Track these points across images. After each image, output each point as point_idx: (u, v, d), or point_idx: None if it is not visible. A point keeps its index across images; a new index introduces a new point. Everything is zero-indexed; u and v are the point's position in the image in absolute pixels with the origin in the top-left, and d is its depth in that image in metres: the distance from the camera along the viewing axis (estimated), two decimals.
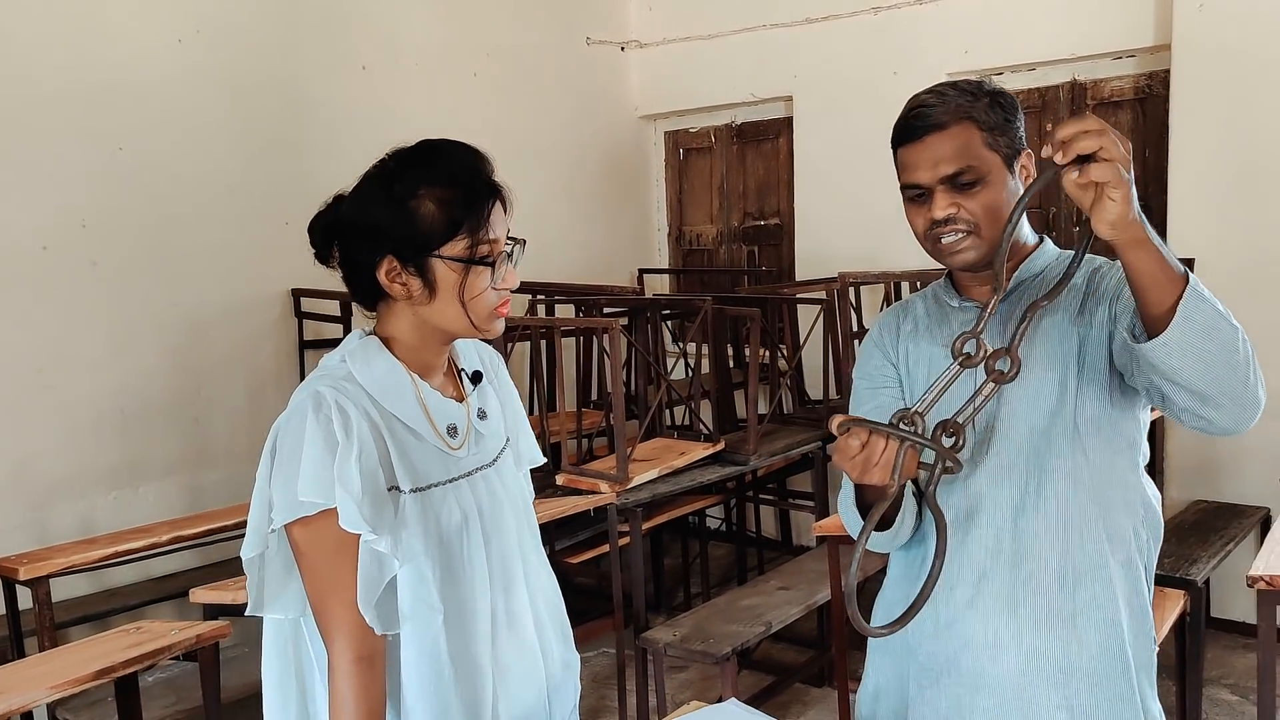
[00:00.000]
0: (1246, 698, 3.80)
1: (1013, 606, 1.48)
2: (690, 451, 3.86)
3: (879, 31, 5.29)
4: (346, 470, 1.32)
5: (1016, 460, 1.48)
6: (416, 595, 1.40)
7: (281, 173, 4.59)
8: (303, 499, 1.31)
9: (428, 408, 1.45)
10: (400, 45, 5.09)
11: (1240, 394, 1.27)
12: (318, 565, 1.35)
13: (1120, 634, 1.47)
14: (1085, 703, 1.47)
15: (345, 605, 1.34)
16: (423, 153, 1.42)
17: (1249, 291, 4.18)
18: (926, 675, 1.56)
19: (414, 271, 1.39)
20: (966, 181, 1.44)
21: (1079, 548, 1.46)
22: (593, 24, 6.04)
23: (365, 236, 1.40)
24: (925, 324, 1.62)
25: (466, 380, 1.56)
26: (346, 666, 1.33)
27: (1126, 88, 4.79)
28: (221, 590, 2.92)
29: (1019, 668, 1.48)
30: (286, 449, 1.35)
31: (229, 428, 4.43)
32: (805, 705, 3.89)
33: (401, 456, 1.40)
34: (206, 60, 4.36)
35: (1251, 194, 4.24)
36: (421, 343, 1.46)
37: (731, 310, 4.46)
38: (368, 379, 1.41)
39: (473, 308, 1.41)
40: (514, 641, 1.52)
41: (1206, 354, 1.22)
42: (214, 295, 4.41)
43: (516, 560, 1.54)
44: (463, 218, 1.38)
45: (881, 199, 5.47)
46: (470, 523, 1.46)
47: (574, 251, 5.78)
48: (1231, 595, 4.38)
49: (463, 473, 1.47)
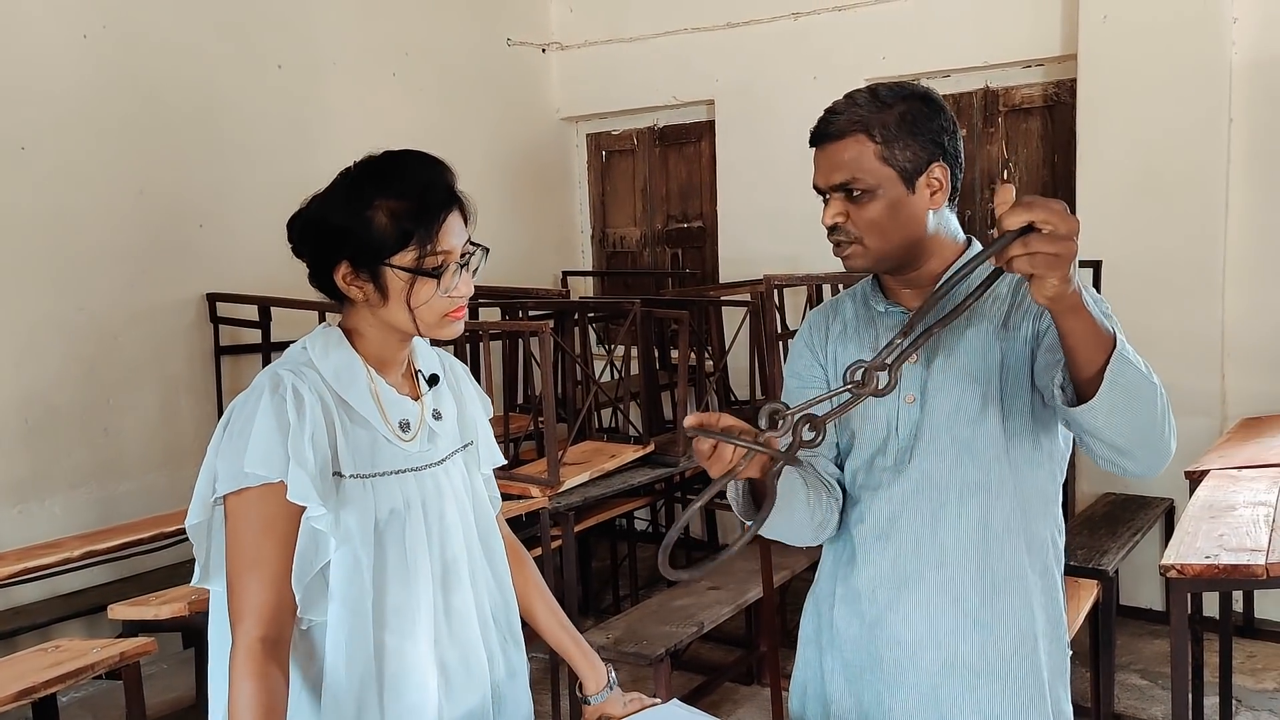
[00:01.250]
0: (1156, 682, 3.95)
1: (932, 610, 1.52)
2: (621, 454, 3.87)
3: (799, 37, 5.36)
4: (300, 446, 1.37)
5: (939, 470, 1.51)
6: (349, 581, 1.43)
7: (195, 174, 4.47)
8: (248, 470, 1.36)
9: (381, 400, 1.50)
10: (316, 44, 5.00)
11: (1156, 445, 1.33)
12: (243, 539, 1.38)
13: (1035, 640, 1.53)
14: (999, 706, 1.52)
15: (262, 583, 1.37)
16: (384, 163, 1.48)
17: (1151, 293, 4.35)
18: (850, 670, 1.61)
19: (367, 277, 1.45)
20: (855, 193, 1.46)
21: (998, 556, 1.51)
22: (513, 25, 6.01)
23: (326, 240, 1.46)
24: (853, 326, 1.64)
25: (423, 381, 1.60)
26: (250, 644, 1.34)
27: (1036, 95, 4.94)
28: (142, 606, 2.84)
29: (937, 669, 1.53)
30: (239, 423, 1.40)
31: (141, 437, 4.30)
32: (735, 704, 3.92)
33: (349, 442, 1.45)
34: (114, 57, 4.23)
35: (1153, 199, 4.40)
36: (381, 339, 1.51)
37: (660, 312, 4.48)
38: (325, 366, 1.47)
39: (420, 314, 1.46)
40: (454, 642, 1.53)
41: (1129, 414, 1.27)
42: (124, 300, 4.27)
43: (462, 560, 1.56)
44: (413, 229, 1.43)
45: (802, 202, 5.50)
46: (413, 514, 1.49)
47: (496, 253, 5.58)
48: (1139, 584, 4.55)
49: (411, 466, 1.51)
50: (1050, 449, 1.53)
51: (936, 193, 1.49)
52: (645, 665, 3.11)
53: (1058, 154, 4.86)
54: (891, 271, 1.55)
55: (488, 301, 4.80)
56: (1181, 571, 2.58)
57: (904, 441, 1.53)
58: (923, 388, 1.52)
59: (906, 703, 1.54)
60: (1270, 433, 3.94)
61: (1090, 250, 4.48)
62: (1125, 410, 1.26)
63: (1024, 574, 1.52)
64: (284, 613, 1.38)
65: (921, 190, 1.48)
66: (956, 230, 1.56)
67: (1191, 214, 4.35)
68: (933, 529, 1.52)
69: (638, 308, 4.10)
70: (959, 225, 1.58)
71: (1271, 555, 2.52)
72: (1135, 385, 1.25)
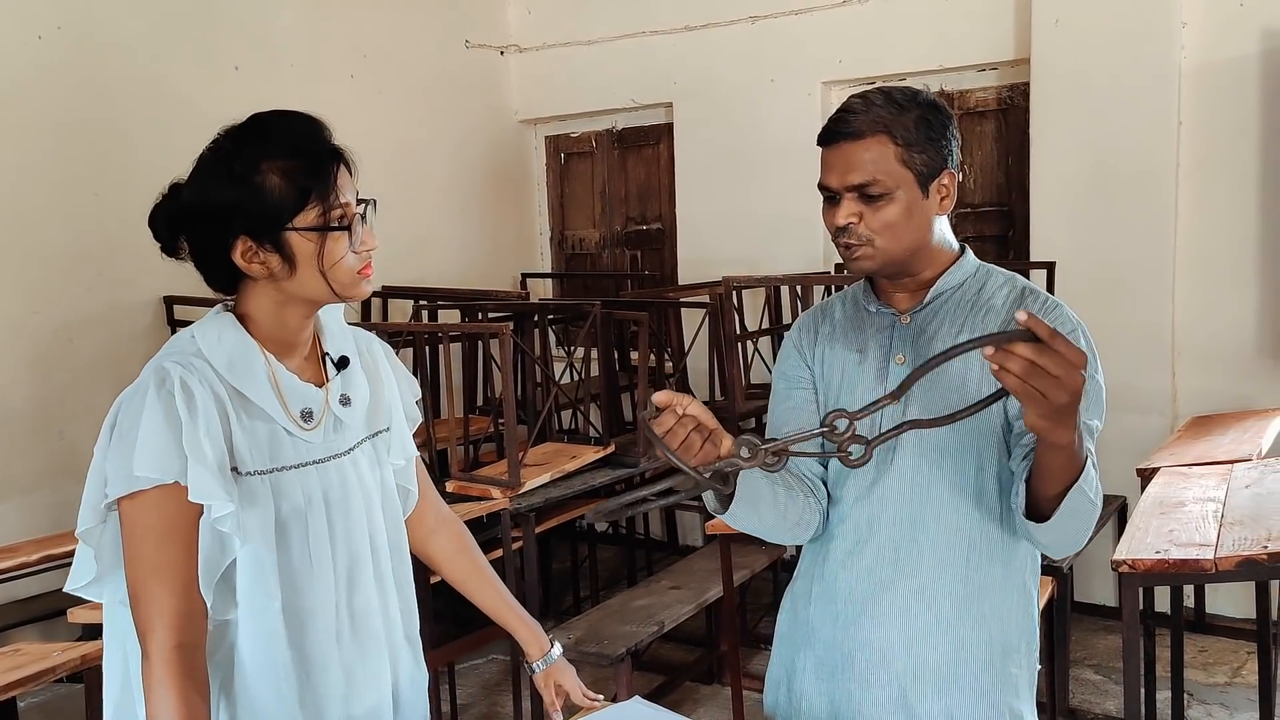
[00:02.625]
0: (1109, 677, 4.02)
1: (907, 616, 1.54)
2: (581, 455, 3.87)
3: (756, 40, 5.40)
4: (196, 444, 1.30)
5: (920, 473, 1.52)
6: (254, 581, 1.37)
7: (151, 176, 4.34)
8: (138, 474, 1.28)
9: (280, 388, 1.42)
10: (273, 45, 4.96)
11: (1077, 545, 1.46)
12: (144, 545, 1.30)
13: (1006, 652, 1.55)
14: (966, 714, 1.54)
15: (170, 590, 1.30)
16: (257, 126, 1.39)
17: (1103, 293, 4.42)
18: (824, 668, 1.62)
19: (270, 248, 1.36)
20: (872, 194, 1.46)
21: (976, 567, 1.52)
22: (471, 27, 6.00)
23: (214, 220, 1.36)
24: (842, 327, 1.64)
25: (330, 364, 1.51)
26: (166, 654, 1.28)
27: (990, 99, 5.01)
28: (101, 609, 2.80)
29: (907, 673, 1.55)
30: (125, 423, 1.32)
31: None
32: (696, 703, 3.94)
33: (246, 437, 1.37)
34: (69, 58, 4.18)
35: (1105, 200, 4.48)
36: (280, 320, 1.42)
37: (619, 314, 4.49)
38: (217, 356, 1.38)
39: (334, 275, 1.38)
40: (357, 643, 1.48)
41: (1070, 532, 1.39)
42: (79, 303, 4.22)
43: (365, 558, 1.49)
44: (311, 186, 1.35)
45: (761, 204, 5.60)
46: (314, 510, 1.42)
47: (455, 255, 5.73)
48: (1092, 580, 4.63)
49: (313, 459, 1.43)
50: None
51: (945, 199, 1.51)
52: (606, 665, 3.12)
53: (1011, 156, 4.93)
54: (891, 276, 1.56)
55: (447, 304, 4.79)
56: (1133, 567, 2.63)
57: (887, 446, 1.53)
58: (909, 393, 1.53)
59: (877, 703, 1.56)
60: (1219, 430, 4.01)
61: (1043, 252, 4.55)
62: (1067, 530, 1.37)
63: (1001, 586, 1.54)
64: (196, 618, 1.32)
65: (934, 195, 1.49)
66: (952, 239, 1.58)
67: (1142, 215, 4.42)
68: (912, 534, 1.53)
69: (597, 309, 4.11)
70: (953, 234, 1.60)
71: (1220, 550, 2.57)
72: (1083, 510, 1.34)
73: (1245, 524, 2.74)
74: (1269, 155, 4.28)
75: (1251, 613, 3.93)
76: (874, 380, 1.57)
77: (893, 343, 1.57)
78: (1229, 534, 2.67)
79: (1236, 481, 3.18)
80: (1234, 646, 4.25)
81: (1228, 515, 2.84)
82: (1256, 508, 2.87)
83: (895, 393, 1.21)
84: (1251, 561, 2.51)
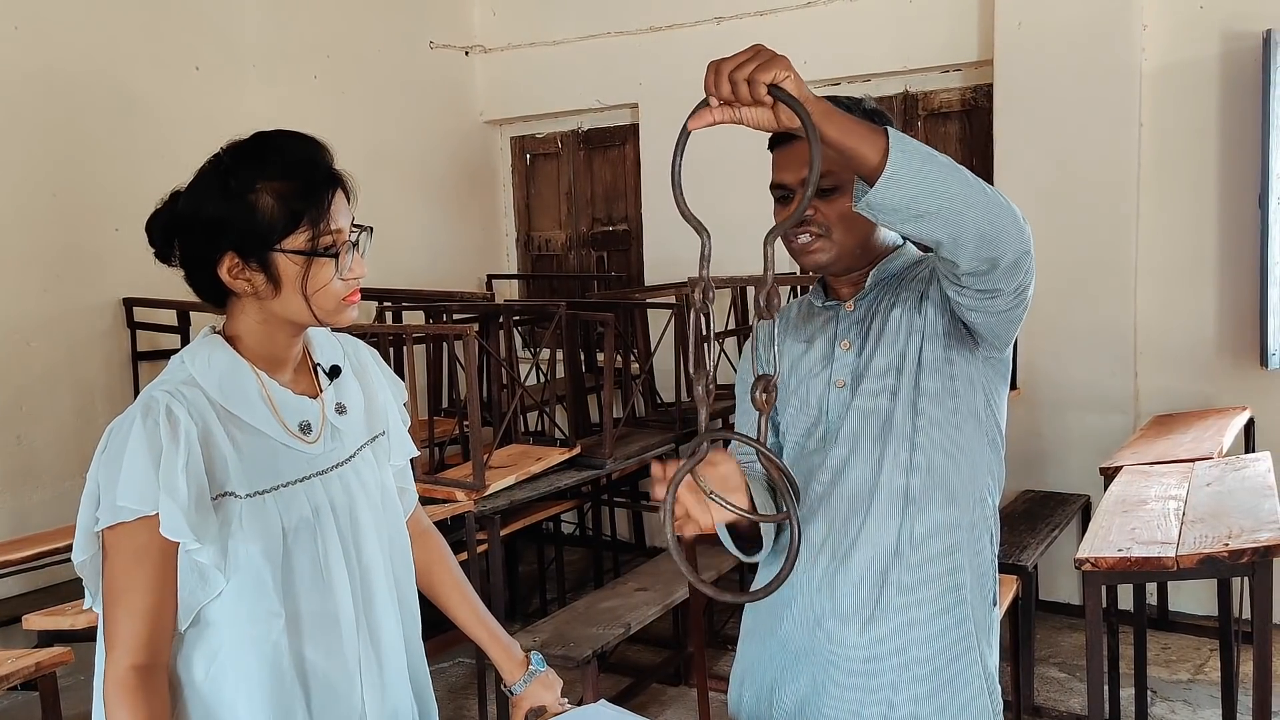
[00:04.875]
0: (1074, 674, 4.05)
1: (858, 583, 1.56)
2: (547, 457, 3.85)
3: (721, 41, 5.38)
4: (172, 477, 1.30)
5: (861, 446, 1.56)
6: (255, 603, 1.36)
7: (111, 177, 4.36)
8: (121, 504, 1.30)
9: (275, 405, 1.42)
10: (235, 45, 4.91)
11: (1001, 219, 1.33)
12: (115, 570, 1.33)
13: (960, 592, 1.56)
14: (924, 662, 1.55)
15: (130, 614, 1.32)
16: (258, 145, 1.39)
17: (1066, 293, 4.45)
18: (786, 655, 1.63)
19: (256, 267, 1.36)
20: (826, 187, 1.52)
21: (919, 520, 1.55)
22: (436, 28, 5.96)
23: (204, 233, 1.37)
24: (795, 324, 1.72)
25: (323, 375, 1.51)
26: (121, 675, 1.30)
27: (954, 100, 5.04)
28: (58, 615, 2.77)
29: (865, 643, 1.56)
30: (111, 452, 1.33)
31: (56, 445, 4.18)
32: (663, 705, 3.93)
33: (243, 459, 1.37)
34: (26, 58, 4.12)
35: (1068, 201, 4.51)
36: (268, 337, 1.42)
37: (585, 315, 4.48)
38: (208, 379, 1.38)
39: (317, 300, 1.38)
40: (373, 657, 1.48)
41: (937, 178, 1.25)
42: (36, 305, 4.16)
43: (378, 563, 1.49)
44: (303, 209, 1.35)
45: (726, 205, 5.57)
46: (323, 520, 1.42)
47: (421, 257, 5.69)
48: (1056, 578, 4.66)
49: (317, 470, 1.44)
50: (973, 407, 1.56)
51: None
52: (573, 668, 3.10)
53: (975, 157, 4.96)
54: (843, 272, 1.62)
55: (411, 305, 4.75)
56: (1095, 565, 2.65)
57: (833, 424, 1.59)
58: (854, 373, 1.58)
59: (839, 683, 1.57)
60: (1181, 429, 4.06)
61: None
62: (930, 175, 1.25)
63: (948, 531, 1.55)
64: (157, 641, 1.33)
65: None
66: (896, 236, 1.64)
67: (1104, 216, 4.47)
68: (865, 503, 1.55)
69: (563, 311, 4.09)
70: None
71: (1182, 548, 2.60)
72: (927, 152, 1.25)
73: (1206, 521, 2.77)
74: (1228, 156, 4.33)
75: (1214, 610, 3.98)
76: (820, 366, 1.63)
77: (838, 330, 1.63)
78: (1190, 531, 2.70)
79: (1198, 480, 3.21)
80: (1196, 644, 4.29)
81: (1189, 513, 2.87)
82: (1217, 505, 2.90)
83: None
84: (1212, 559, 2.54)
